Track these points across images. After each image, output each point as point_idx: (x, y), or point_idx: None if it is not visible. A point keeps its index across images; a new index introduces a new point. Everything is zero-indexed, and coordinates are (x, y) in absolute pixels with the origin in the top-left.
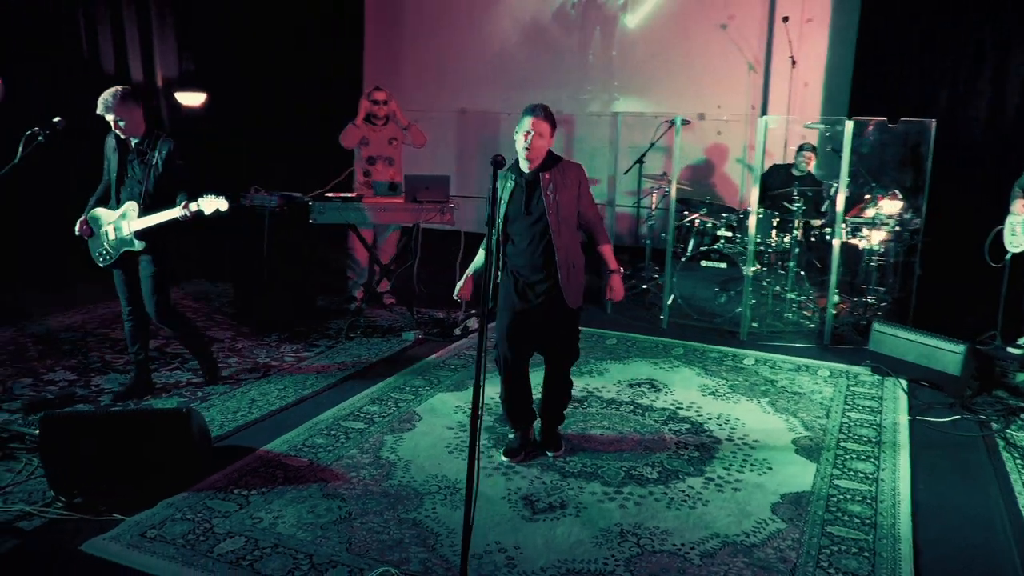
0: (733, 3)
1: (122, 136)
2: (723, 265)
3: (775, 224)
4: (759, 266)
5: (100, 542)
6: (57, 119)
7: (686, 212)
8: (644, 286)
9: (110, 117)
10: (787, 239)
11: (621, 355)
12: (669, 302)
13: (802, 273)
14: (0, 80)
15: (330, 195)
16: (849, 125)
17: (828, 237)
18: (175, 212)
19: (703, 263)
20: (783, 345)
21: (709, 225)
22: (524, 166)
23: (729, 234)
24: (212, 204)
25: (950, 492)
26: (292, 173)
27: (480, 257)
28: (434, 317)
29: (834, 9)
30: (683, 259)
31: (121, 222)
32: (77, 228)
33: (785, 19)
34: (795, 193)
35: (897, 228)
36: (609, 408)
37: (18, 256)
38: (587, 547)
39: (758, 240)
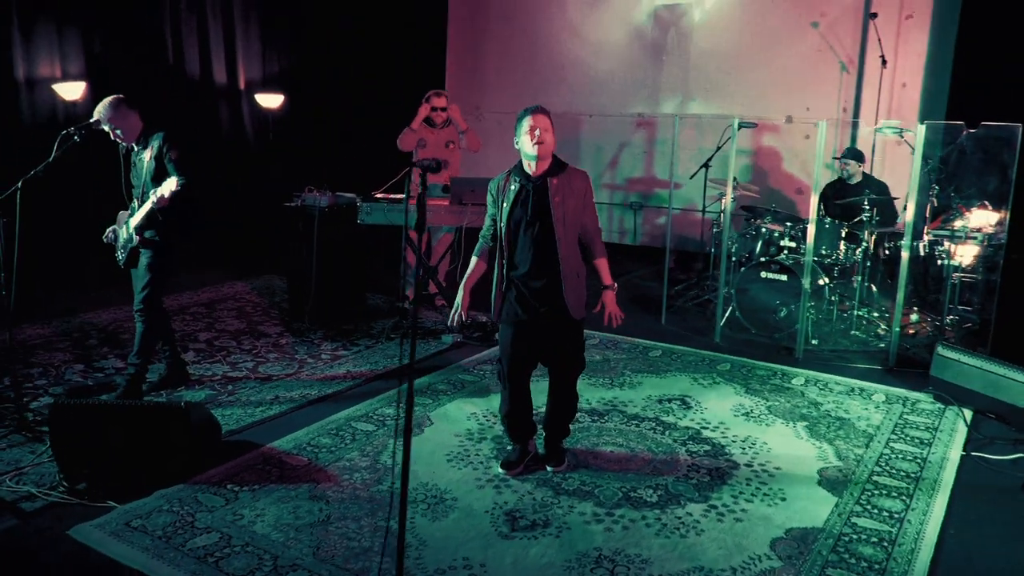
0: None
1: (122, 143)
2: (783, 277)
3: (843, 235)
4: (826, 280)
5: (86, 528)
6: (93, 119)
7: (752, 220)
8: (706, 296)
9: (107, 127)
10: (857, 251)
11: (661, 369)
12: (726, 315)
13: (874, 288)
14: (86, 84)
15: (379, 196)
16: (921, 129)
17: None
18: (148, 204)
19: (763, 274)
20: (842, 365)
21: (776, 234)
22: (531, 168)
23: (793, 244)
24: (167, 187)
25: (985, 542)
26: (364, 174)
27: (473, 265)
28: (477, 320)
29: (936, 3)
30: (742, 269)
31: (129, 220)
32: (105, 235)
33: (873, 16)
34: (865, 203)
35: (983, 243)
36: (629, 424)
37: (79, 253)
38: (556, 570)
39: (825, 252)
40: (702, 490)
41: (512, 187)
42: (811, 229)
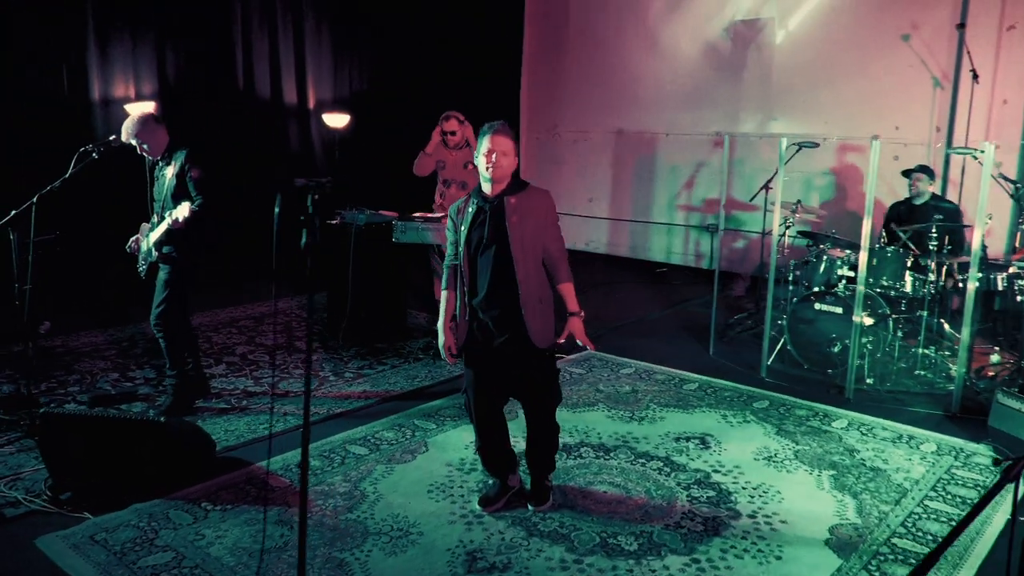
0: (917, 10)
1: (148, 158)
2: (839, 309)
3: (909, 264)
4: (890, 313)
5: (52, 538)
6: (112, 137)
7: (813, 245)
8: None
9: (134, 142)
10: (923, 282)
11: (691, 403)
12: (776, 348)
13: (945, 324)
14: (155, 103)
15: (416, 215)
16: (990, 149)
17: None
18: (165, 224)
19: (816, 306)
20: (897, 408)
21: (838, 262)
22: (488, 189)
23: (852, 273)
24: (181, 210)
25: None
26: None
27: (445, 299)
28: None
29: None
30: (794, 300)
31: (149, 235)
32: (128, 245)
33: (960, 26)
34: (933, 229)
35: None
36: (635, 463)
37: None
38: None
39: (887, 282)
40: (689, 541)
41: (470, 209)
42: (863, 256)
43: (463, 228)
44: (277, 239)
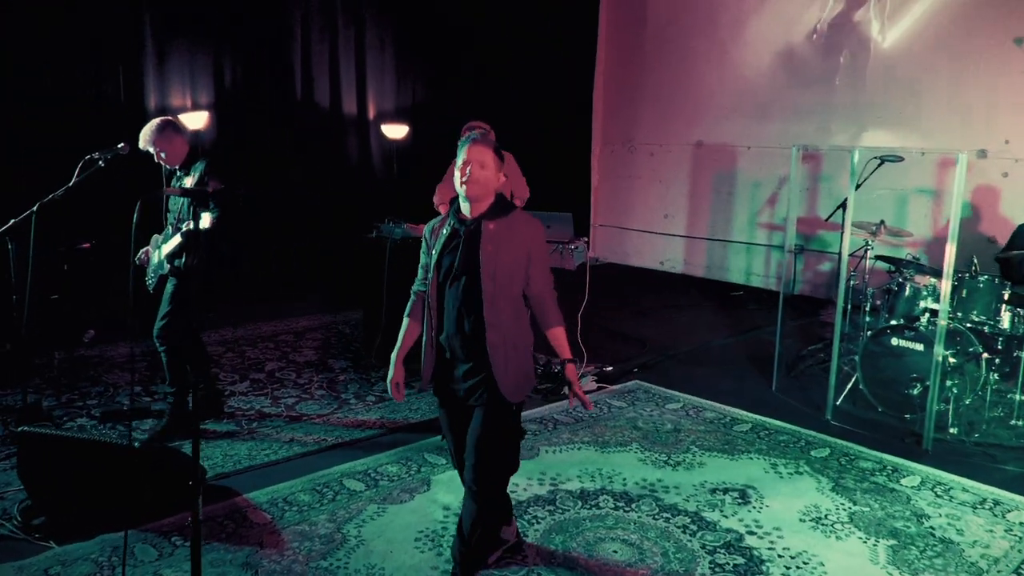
0: None
1: (166, 167)
2: (920, 347)
3: (1006, 297)
4: (984, 352)
5: (6, 568)
6: (121, 144)
7: (895, 271)
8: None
9: (151, 149)
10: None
11: (738, 448)
12: (847, 387)
13: None
14: (208, 114)
15: None
16: None
17: None
18: (178, 237)
19: (893, 341)
20: (984, 465)
21: (922, 291)
22: (465, 209)
23: (936, 305)
24: (201, 220)
25: None
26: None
27: (405, 328)
28: (551, 370)
29: None
30: (867, 333)
31: (161, 247)
32: (137, 256)
33: (1019, 41)
34: None
35: None
36: (658, 517)
37: None
38: None
39: (977, 317)
40: None
41: (445, 231)
42: (945, 284)
43: (434, 251)
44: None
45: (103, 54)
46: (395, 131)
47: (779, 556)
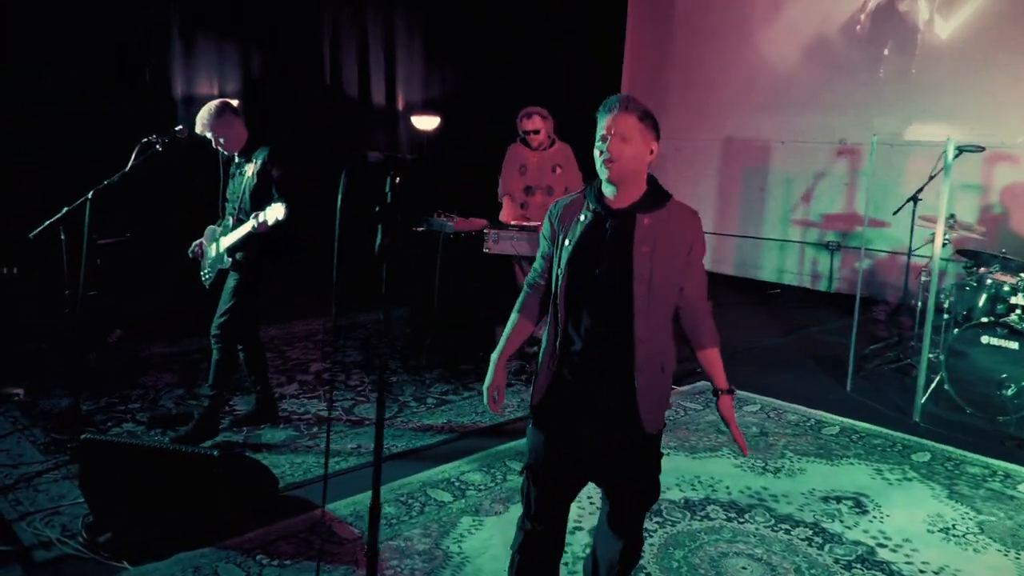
0: None
1: (224, 152)
2: (1014, 344)
3: None
4: None
5: None
6: (179, 127)
7: (974, 268)
8: (908, 360)
9: (209, 135)
10: None
11: (835, 453)
12: (930, 388)
13: None
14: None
15: (512, 222)
16: None
17: None
18: (248, 225)
19: (984, 338)
20: None
21: (1006, 288)
22: (610, 194)
23: None
24: (273, 213)
25: None
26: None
27: (512, 324)
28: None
29: None
30: (955, 331)
31: (220, 239)
32: (191, 249)
33: None
34: None
35: None
36: (777, 529)
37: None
38: None
39: None
40: None
41: (582, 217)
42: None
43: (568, 243)
44: (340, 233)
45: (129, 43)
46: (426, 122)
47: (921, 572)
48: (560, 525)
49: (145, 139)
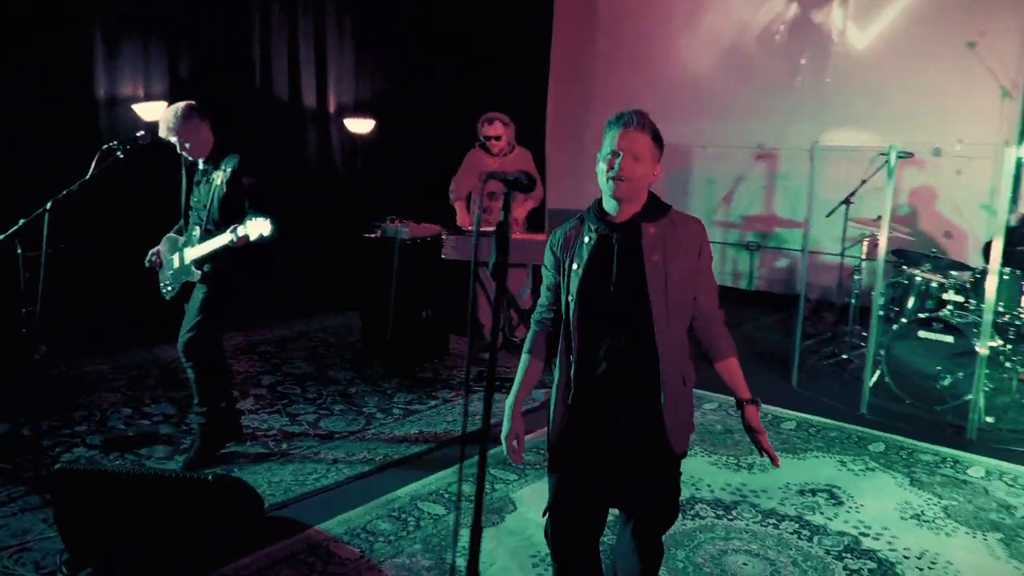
0: (985, 17)
1: (189, 158)
2: (949, 338)
3: None
4: (1001, 342)
5: None
6: (140, 133)
7: (904, 267)
8: (844, 355)
9: (174, 139)
10: None
11: (798, 447)
12: (873, 380)
13: None
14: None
15: (468, 229)
16: None
17: None
18: (225, 238)
19: (921, 333)
20: None
21: (934, 285)
22: (612, 209)
23: (959, 298)
24: (256, 228)
25: None
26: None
27: (524, 366)
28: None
29: None
30: (895, 326)
31: (185, 250)
32: (147, 258)
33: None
34: None
35: None
36: (766, 524)
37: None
38: None
39: (1001, 308)
40: None
41: (587, 239)
42: (991, 281)
43: (576, 267)
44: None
45: (48, 40)
46: (360, 125)
47: (905, 558)
48: (590, 563)
49: (106, 146)
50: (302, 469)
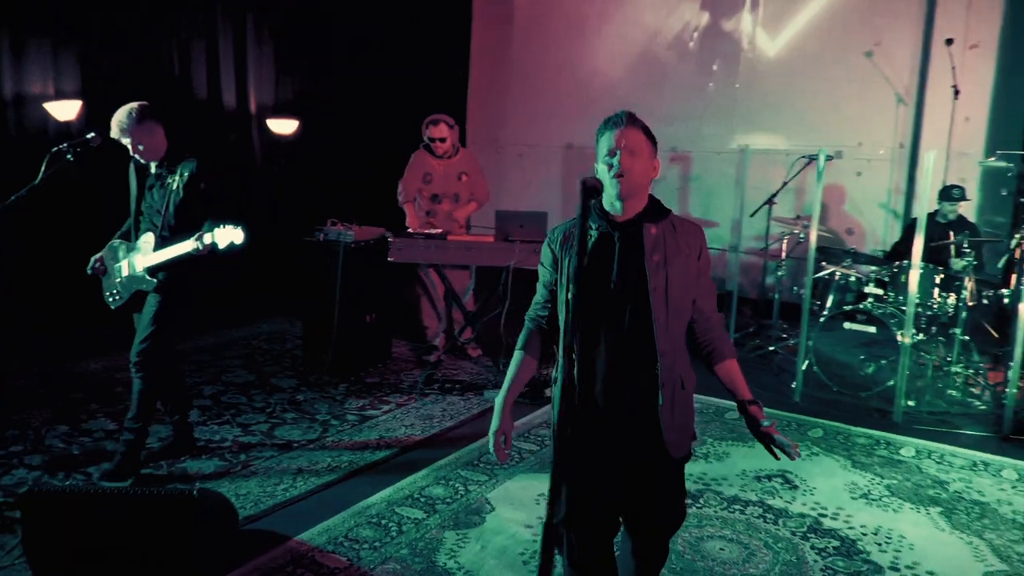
0: (882, 27)
1: (141, 161)
2: (872, 329)
3: (937, 282)
4: (916, 331)
5: None
6: (91, 134)
7: (824, 263)
8: (771, 347)
9: (126, 141)
10: (951, 300)
11: (746, 435)
12: (802, 369)
13: (968, 340)
14: (82, 103)
15: (413, 231)
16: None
17: (1007, 300)
18: (188, 245)
19: (846, 325)
20: (949, 432)
21: (853, 279)
22: (614, 207)
23: (879, 291)
24: (226, 236)
25: None
26: (385, 206)
27: (516, 364)
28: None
29: (1004, 33)
30: (820, 319)
31: (135, 257)
32: (90, 265)
33: (949, 42)
34: (965, 244)
35: None
36: (732, 510)
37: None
38: None
39: (918, 300)
40: None
41: (586, 236)
42: (914, 274)
43: (570, 265)
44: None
45: None
46: (283, 126)
47: (863, 535)
48: (599, 558)
49: (55, 148)
50: (267, 480)
